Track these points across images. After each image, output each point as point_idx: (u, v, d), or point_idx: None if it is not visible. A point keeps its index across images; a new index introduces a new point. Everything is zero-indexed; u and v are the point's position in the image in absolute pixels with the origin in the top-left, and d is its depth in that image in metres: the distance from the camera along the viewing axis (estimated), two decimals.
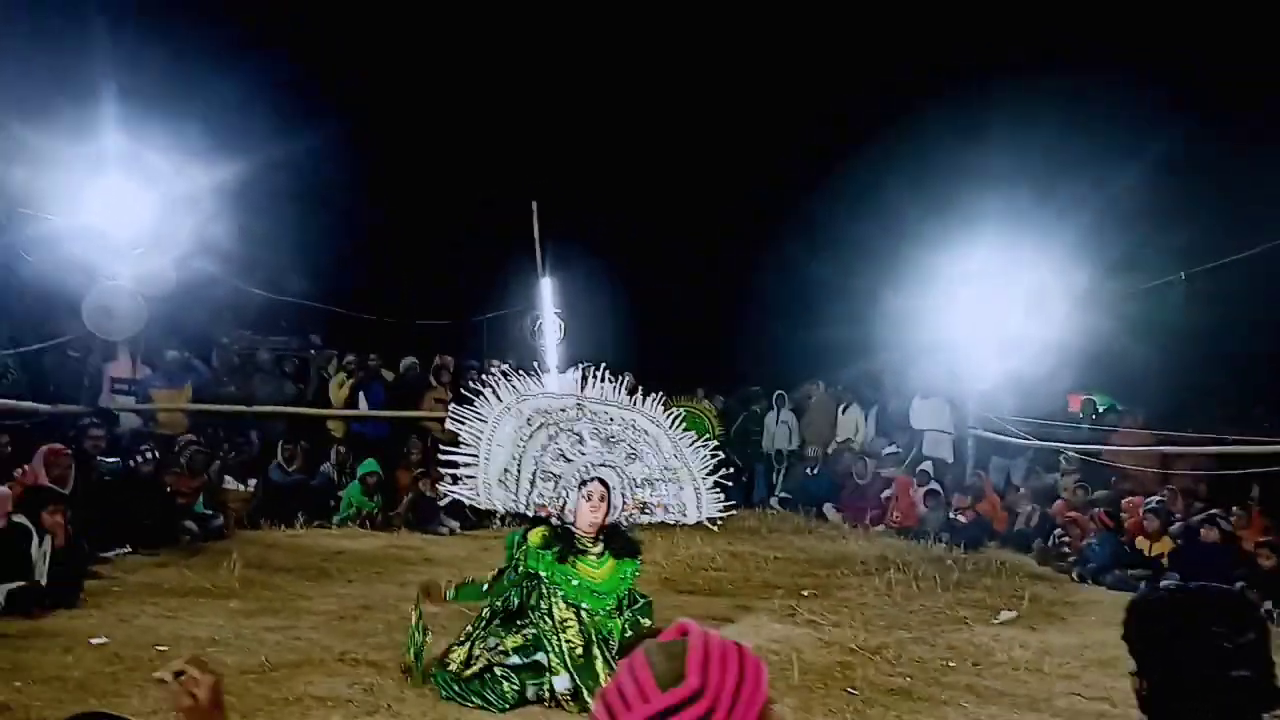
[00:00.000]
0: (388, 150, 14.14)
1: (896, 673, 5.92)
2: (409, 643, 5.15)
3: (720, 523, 4.30)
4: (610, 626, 4.77)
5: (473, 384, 11.94)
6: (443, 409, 11.82)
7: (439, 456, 5.17)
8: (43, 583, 6.26)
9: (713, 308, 14.98)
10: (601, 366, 5.50)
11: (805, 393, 13.66)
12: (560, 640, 4.69)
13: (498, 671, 5.01)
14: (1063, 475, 11.11)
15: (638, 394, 5.11)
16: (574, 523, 4.67)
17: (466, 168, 14.40)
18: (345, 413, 11.45)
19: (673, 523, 4.87)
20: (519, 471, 4.83)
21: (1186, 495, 10.14)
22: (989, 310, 11.26)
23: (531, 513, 4.82)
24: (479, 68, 14.68)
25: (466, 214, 14.13)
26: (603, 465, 4.80)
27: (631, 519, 4.84)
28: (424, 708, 4.87)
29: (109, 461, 8.84)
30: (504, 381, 5.24)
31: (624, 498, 4.78)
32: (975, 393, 11.98)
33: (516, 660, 4.99)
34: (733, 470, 5.72)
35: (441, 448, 5.48)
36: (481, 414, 5.08)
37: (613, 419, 4.89)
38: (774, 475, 13.20)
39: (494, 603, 4.99)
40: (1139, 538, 9.07)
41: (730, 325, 14.77)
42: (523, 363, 12.16)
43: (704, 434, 6.25)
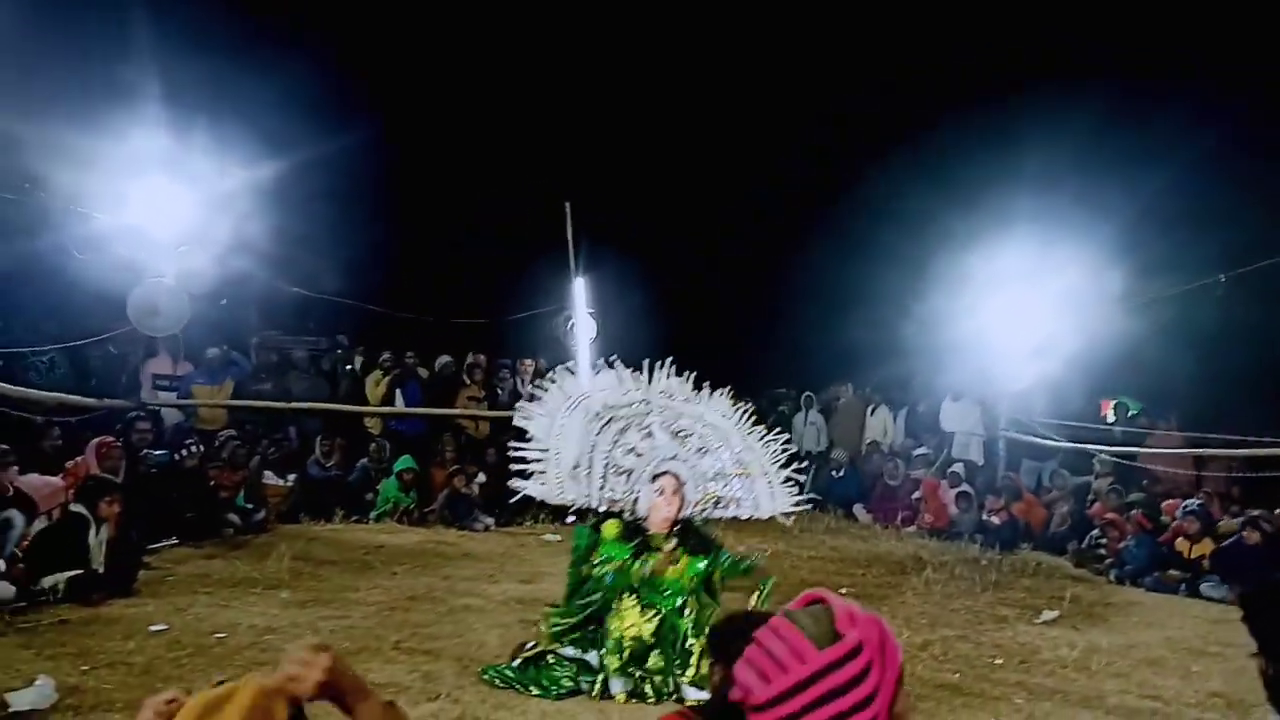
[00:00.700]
0: (423, 150, 14.26)
1: (944, 669, 5.96)
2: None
3: (792, 517, 4.27)
4: (680, 625, 4.71)
5: (506, 382, 12.15)
6: (476, 406, 11.99)
7: (510, 451, 5.12)
8: (100, 571, 6.36)
9: (743, 309, 15.02)
10: (632, 366, 5.53)
11: (834, 394, 13.68)
12: (620, 637, 4.65)
13: (550, 659, 5.05)
14: (1096, 478, 11.09)
15: (705, 389, 5.10)
16: (646, 518, 4.65)
17: (501, 168, 14.49)
18: (383, 409, 11.55)
19: (745, 517, 4.86)
20: (590, 466, 4.81)
21: (1221, 498, 10.15)
22: (1021, 313, 11.24)
23: (604, 508, 4.81)
24: (514, 67, 14.77)
25: (500, 214, 14.22)
26: (674, 459, 4.76)
27: (704, 513, 4.82)
28: (483, 694, 4.93)
29: (156, 455, 8.96)
30: (570, 377, 5.23)
31: (696, 492, 4.76)
32: (1006, 395, 11.97)
33: (571, 652, 5.01)
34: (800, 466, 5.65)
35: (512, 444, 5.38)
36: (549, 410, 5.06)
37: (681, 413, 4.87)
38: (803, 476, 13.21)
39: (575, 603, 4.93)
40: (1178, 539, 9.04)
41: (760, 326, 14.81)
42: (555, 362, 12.38)
43: None
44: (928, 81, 14.53)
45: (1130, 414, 12.35)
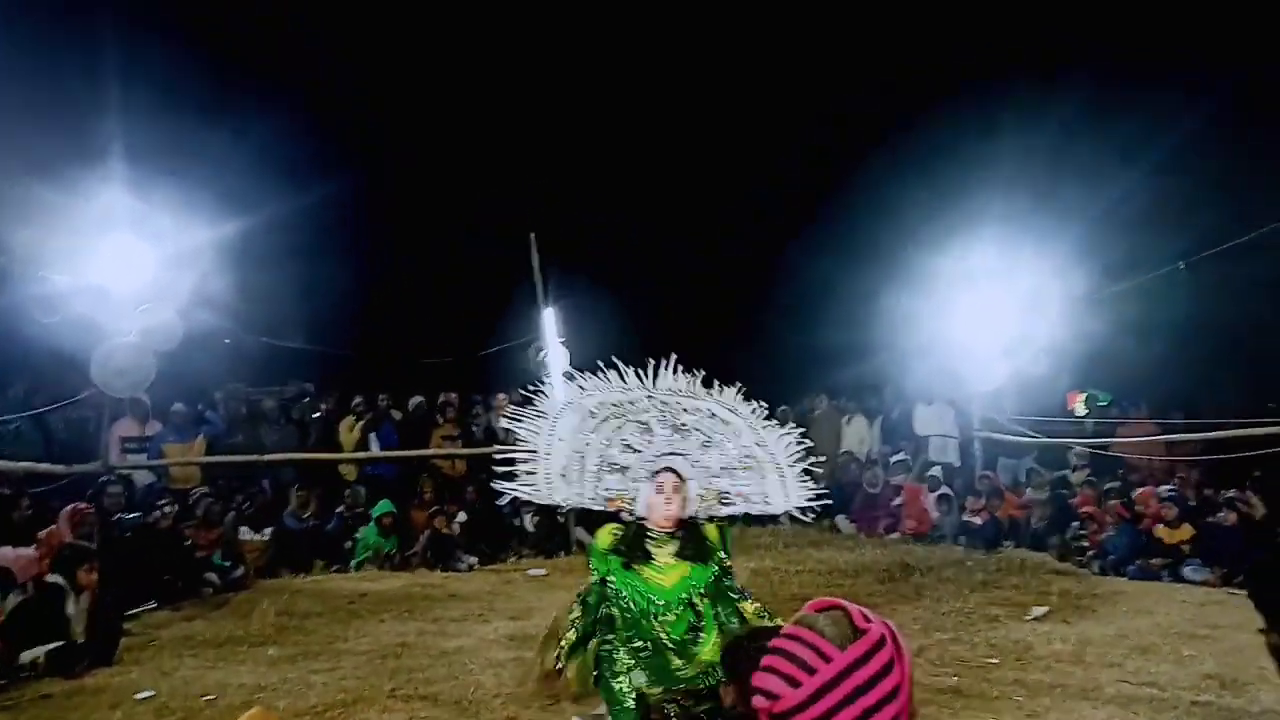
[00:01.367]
0: (382, 192, 14.23)
1: (943, 672, 5.97)
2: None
3: (812, 514, 4.12)
4: (675, 632, 4.51)
5: (480, 418, 12.05)
6: (451, 445, 11.89)
7: (506, 477, 4.84)
8: (81, 641, 6.22)
9: (713, 325, 15.03)
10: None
11: (809, 406, 13.73)
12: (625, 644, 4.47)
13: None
14: (1074, 471, 11.23)
15: (713, 386, 4.89)
16: (646, 517, 4.45)
17: (462, 203, 14.47)
18: (358, 455, 11.42)
19: (756, 513, 4.67)
20: (583, 464, 4.62)
21: (1194, 483, 10.29)
22: (990, 313, 11.34)
23: (599, 506, 4.61)
24: (470, 103, 14.80)
25: (465, 249, 14.18)
26: (673, 454, 4.56)
27: (710, 510, 4.63)
28: None
29: (129, 518, 8.80)
30: (565, 380, 5.02)
31: (700, 488, 4.56)
32: (978, 395, 12.07)
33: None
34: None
35: (499, 454, 5.12)
36: (542, 411, 4.84)
37: (685, 408, 4.68)
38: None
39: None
40: (1158, 526, 9.16)
41: (732, 341, 14.82)
42: (529, 395, 12.33)
43: None
44: (897, 85, 14.69)
45: (1101, 405, 12.53)
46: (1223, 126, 12.36)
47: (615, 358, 4.95)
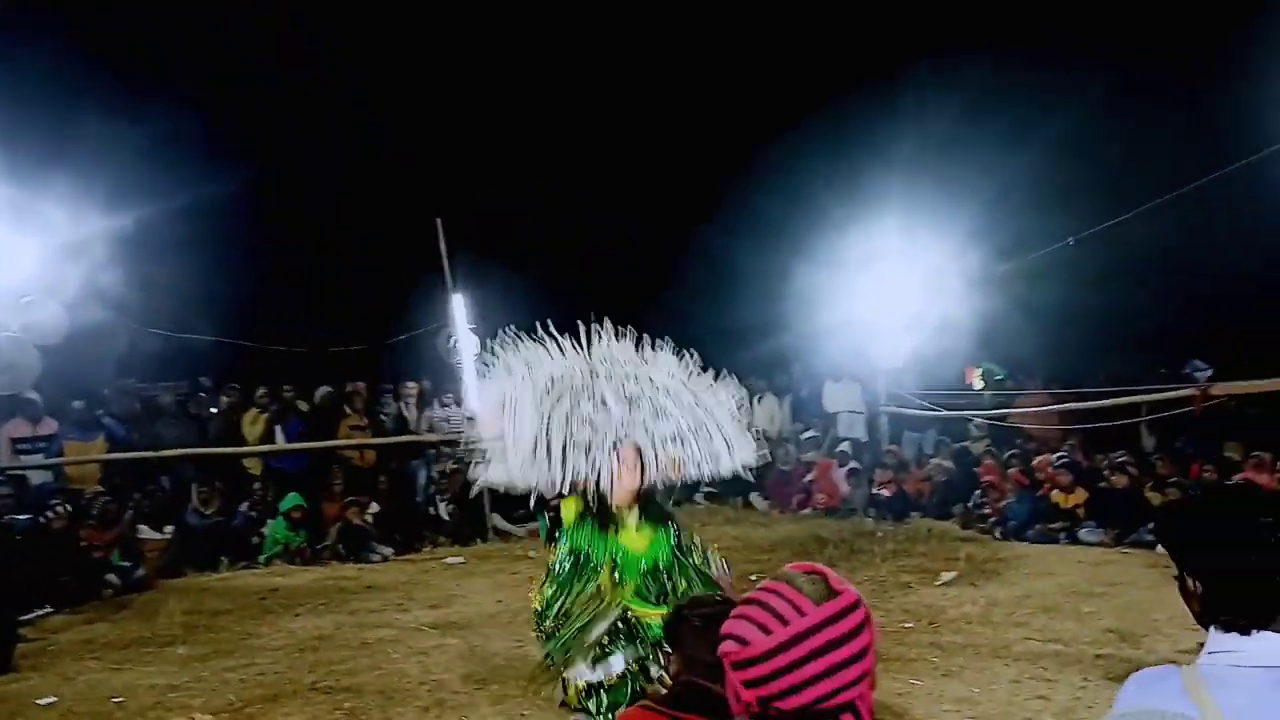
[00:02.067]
0: (284, 180, 13.74)
1: None
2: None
3: (756, 470, 4.13)
4: (649, 594, 4.43)
5: (390, 408, 11.82)
6: (360, 435, 11.65)
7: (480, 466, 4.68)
8: None
9: (624, 309, 15.05)
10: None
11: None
12: (606, 617, 4.40)
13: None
14: (974, 442, 11.64)
15: (645, 348, 4.84)
16: (610, 490, 4.39)
17: (365, 190, 14.12)
18: (262, 448, 11.07)
19: (709, 476, 4.66)
20: (549, 444, 4.51)
21: (1083, 449, 10.76)
22: (892, 291, 11.65)
23: (568, 490, 4.53)
24: (369, 84, 14.42)
25: (369, 237, 13.84)
26: (632, 426, 4.51)
27: (668, 479, 4.59)
28: None
29: (20, 520, 8.36)
30: (511, 352, 4.86)
31: (658, 458, 4.52)
32: (883, 372, 12.41)
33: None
34: None
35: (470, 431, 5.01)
36: (499, 391, 4.69)
37: (629, 377, 4.63)
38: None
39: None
40: (1054, 492, 9.57)
41: (642, 324, 14.91)
42: (440, 382, 12.15)
43: None
44: (801, 72, 14.86)
45: (996, 379, 13.00)
46: (1105, 111, 12.94)
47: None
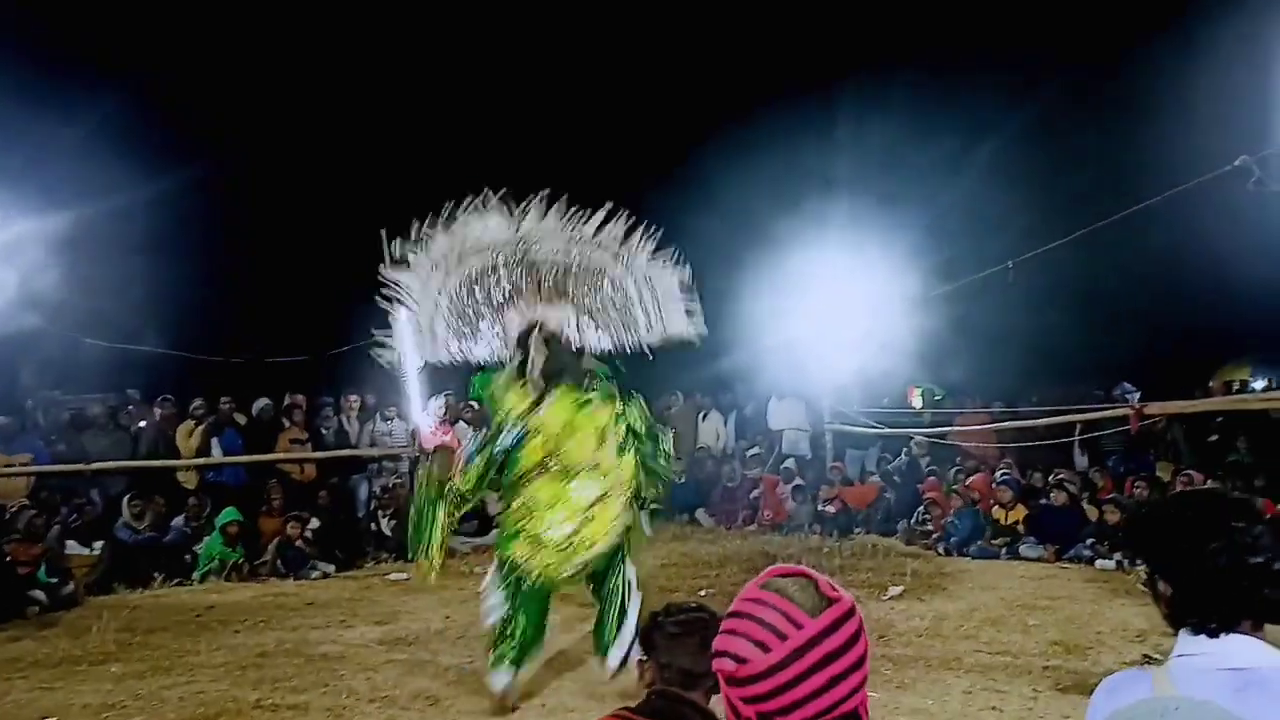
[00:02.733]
0: (222, 185, 13.43)
1: None
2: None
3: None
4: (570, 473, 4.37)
5: (330, 420, 11.58)
6: (300, 449, 11.37)
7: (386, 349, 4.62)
8: None
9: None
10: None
11: (665, 404, 13.90)
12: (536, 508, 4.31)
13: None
14: (916, 460, 11.82)
15: (576, 219, 4.81)
16: (532, 359, 4.34)
17: (308, 196, 13.88)
18: (197, 461, 10.75)
19: (632, 346, 4.63)
20: (464, 314, 4.44)
21: (1020, 467, 11.01)
22: (836, 311, 11.80)
23: (485, 357, 4.46)
24: (312, 91, 14.19)
25: (311, 247, 13.58)
26: (557, 296, 4.48)
27: (591, 349, 4.56)
28: None
29: None
30: (439, 238, 4.76)
31: (581, 326, 4.50)
32: (827, 390, 12.54)
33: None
34: None
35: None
36: (418, 274, 4.61)
37: (558, 249, 4.61)
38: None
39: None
40: (995, 508, 9.75)
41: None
42: (382, 395, 11.93)
43: None
44: (750, 90, 15.02)
45: (936, 399, 13.26)
46: (1042, 137, 13.34)
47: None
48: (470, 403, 10.00)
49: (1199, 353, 13.81)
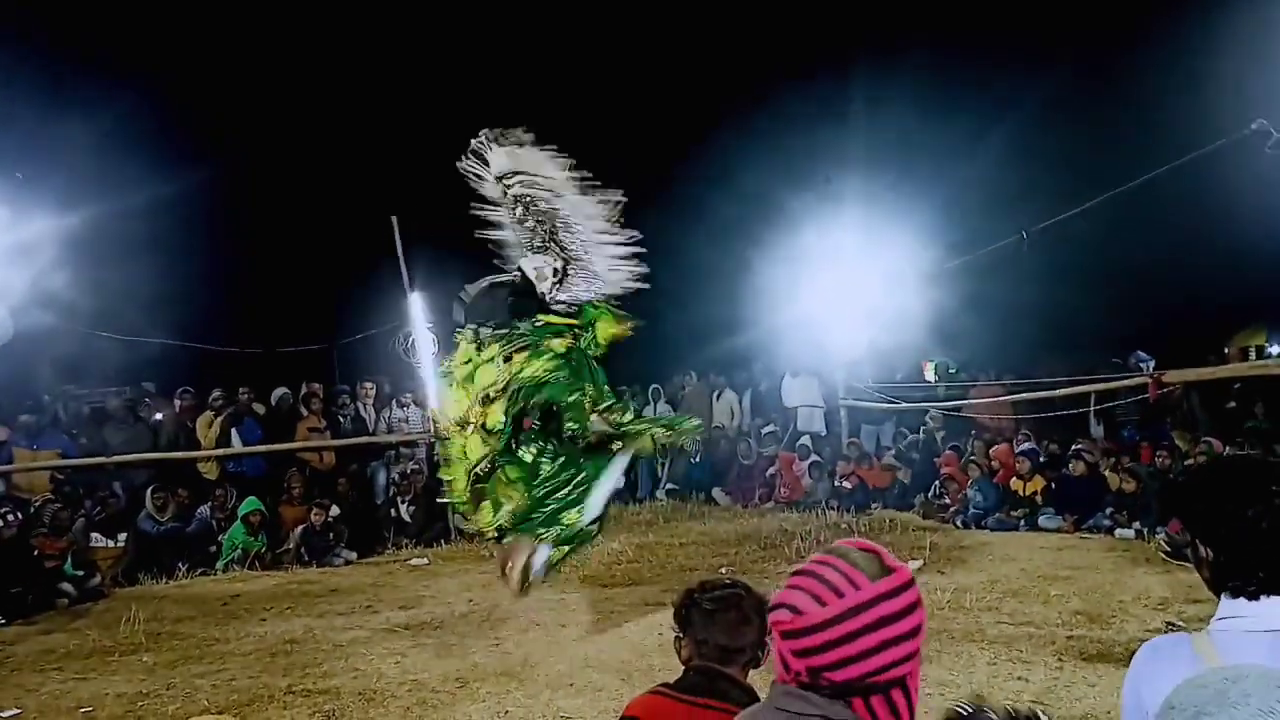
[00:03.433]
0: (237, 178, 13.46)
1: None
2: None
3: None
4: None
5: (348, 408, 11.65)
6: (318, 437, 11.44)
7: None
8: None
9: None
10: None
11: (679, 384, 13.93)
12: None
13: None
14: (932, 433, 11.80)
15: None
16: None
17: (319, 190, 13.89)
18: (217, 452, 10.82)
19: (594, 296, 4.86)
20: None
21: (1038, 438, 10.99)
22: (850, 287, 11.77)
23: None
24: (323, 84, 14.18)
25: (325, 237, 13.62)
26: (530, 253, 4.76)
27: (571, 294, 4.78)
28: None
29: None
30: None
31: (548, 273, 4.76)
32: (841, 366, 12.53)
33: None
34: None
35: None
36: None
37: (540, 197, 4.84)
38: (659, 468, 13.35)
39: None
40: (1013, 480, 9.75)
41: None
42: (399, 382, 11.99)
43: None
44: (765, 70, 14.95)
45: (950, 372, 13.23)
46: (1057, 111, 13.25)
47: None
48: None
49: (1212, 319, 13.76)
